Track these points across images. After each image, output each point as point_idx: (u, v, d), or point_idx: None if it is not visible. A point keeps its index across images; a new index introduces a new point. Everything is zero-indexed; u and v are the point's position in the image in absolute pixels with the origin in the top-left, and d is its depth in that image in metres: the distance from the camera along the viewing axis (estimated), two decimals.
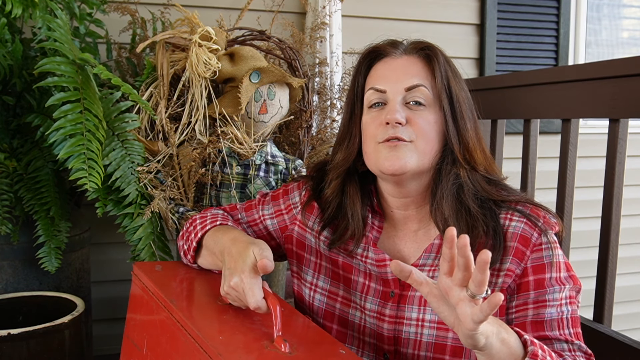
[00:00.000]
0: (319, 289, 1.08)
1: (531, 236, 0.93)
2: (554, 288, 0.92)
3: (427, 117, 0.97)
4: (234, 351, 0.78)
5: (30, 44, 1.64)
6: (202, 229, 1.08)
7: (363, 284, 1.03)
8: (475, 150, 0.98)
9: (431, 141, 0.96)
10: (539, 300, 0.92)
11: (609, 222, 1.50)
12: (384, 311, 1.00)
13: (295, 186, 1.16)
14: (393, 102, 0.97)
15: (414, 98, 0.97)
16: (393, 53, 1.02)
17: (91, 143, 1.35)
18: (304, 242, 1.11)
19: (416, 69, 0.99)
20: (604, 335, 1.49)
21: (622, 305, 2.76)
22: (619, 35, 3.06)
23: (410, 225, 1.04)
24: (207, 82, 1.60)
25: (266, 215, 1.16)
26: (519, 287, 0.93)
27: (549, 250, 0.93)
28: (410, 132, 0.95)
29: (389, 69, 1.00)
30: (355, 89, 1.05)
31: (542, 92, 1.69)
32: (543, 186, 2.07)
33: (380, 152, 0.96)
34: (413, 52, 1.01)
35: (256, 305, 0.86)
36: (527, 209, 0.95)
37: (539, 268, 0.92)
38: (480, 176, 0.98)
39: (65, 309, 1.46)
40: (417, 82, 0.97)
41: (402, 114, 0.95)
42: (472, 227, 0.93)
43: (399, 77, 0.98)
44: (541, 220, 0.94)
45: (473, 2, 2.63)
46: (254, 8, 2.12)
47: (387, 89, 0.98)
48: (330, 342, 0.87)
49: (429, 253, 0.99)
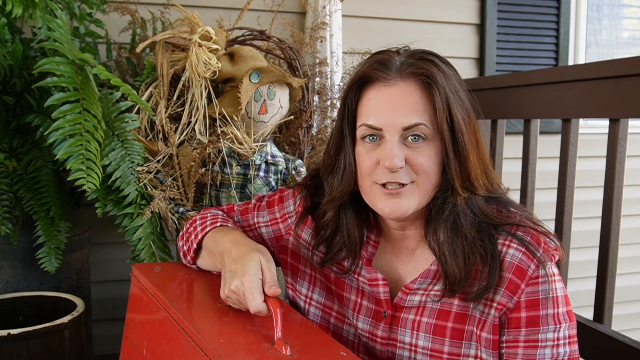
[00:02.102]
0: (313, 302, 1.07)
1: (527, 268, 0.87)
2: (548, 327, 0.86)
3: (427, 152, 0.90)
4: (235, 353, 0.78)
5: (30, 44, 1.64)
6: (202, 230, 1.07)
7: (355, 301, 1.01)
8: (476, 177, 0.91)
9: (432, 176, 0.91)
10: (531, 340, 0.87)
11: (609, 222, 1.50)
12: (376, 332, 0.98)
13: (290, 194, 1.13)
14: (390, 144, 0.88)
15: (413, 134, 0.89)
16: (385, 78, 0.90)
17: (90, 143, 1.35)
18: (299, 254, 1.09)
19: (413, 100, 0.89)
20: (604, 335, 1.49)
21: (622, 305, 2.76)
22: (619, 35, 3.06)
23: (408, 244, 1.00)
24: (207, 82, 1.60)
25: (261, 223, 1.14)
26: (510, 321, 0.88)
27: (546, 285, 0.87)
28: (410, 173, 0.89)
29: (383, 101, 0.90)
30: (346, 116, 0.96)
31: (542, 92, 1.68)
32: (543, 186, 2.07)
33: (379, 197, 0.91)
34: (410, 78, 0.90)
35: (257, 309, 0.86)
36: (528, 235, 0.89)
37: (533, 303, 0.87)
38: (479, 198, 0.92)
39: (65, 309, 1.46)
40: (416, 121, 0.88)
41: (400, 157, 0.88)
42: (468, 256, 0.88)
43: (395, 112, 0.89)
44: (540, 249, 0.88)
45: (473, 2, 2.63)
46: (254, 8, 2.12)
47: (383, 127, 0.89)
48: (331, 344, 0.86)
49: (425, 278, 0.95)
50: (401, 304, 0.96)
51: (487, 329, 0.89)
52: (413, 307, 0.95)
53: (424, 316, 0.94)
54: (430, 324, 0.93)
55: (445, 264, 0.89)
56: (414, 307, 0.95)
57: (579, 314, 1.60)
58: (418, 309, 0.95)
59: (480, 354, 0.89)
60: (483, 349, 0.89)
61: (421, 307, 0.94)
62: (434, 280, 0.94)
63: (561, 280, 0.90)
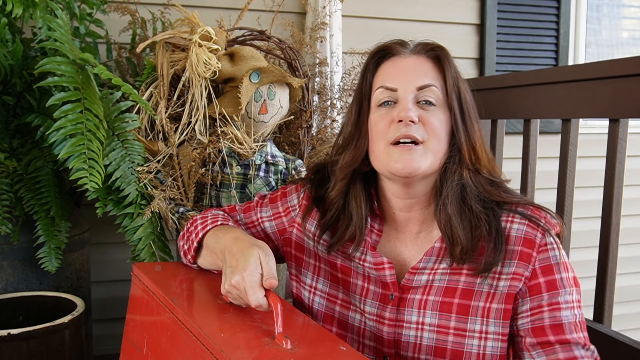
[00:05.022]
0: (318, 291, 1.08)
1: (535, 237, 0.92)
2: (566, 290, 0.91)
3: (438, 116, 0.96)
4: (236, 348, 0.78)
5: (30, 43, 1.64)
6: (203, 229, 1.08)
7: (362, 286, 1.03)
8: (481, 151, 0.97)
9: (442, 141, 0.96)
10: (553, 303, 0.91)
11: (609, 222, 1.50)
12: (384, 314, 0.99)
13: (294, 188, 1.15)
14: (405, 101, 0.96)
15: (425, 97, 0.96)
16: (402, 52, 1.01)
17: (91, 143, 1.35)
18: (303, 245, 1.11)
19: (426, 68, 0.98)
20: (604, 335, 1.49)
21: (622, 305, 2.76)
22: (619, 35, 3.06)
23: (412, 228, 1.03)
24: (207, 82, 1.60)
25: (264, 218, 1.15)
26: (530, 289, 0.92)
27: (555, 251, 0.92)
28: (422, 131, 0.94)
29: (399, 67, 0.99)
30: (363, 88, 1.03)
31: (542, 92, 1.69)
32: (543, 186, 2.08)
33: (391, 155, 0.95)
34: (422, 52, 1.00)
35: (257, 303, 0.86)
36: (528, 210, 0.95)
37: (548, 269, 0.92)
38: (483, 178, 0.97)
39: (65, 309, 1.46)
40: (429, 82, 0.96)
41: (415, 112, 0.94)
42: (475, 227, 0.93)
43: (409, 75, 0.97)
44: (543, 220, 0.94)
45: (473, 2, 2.63)
46: (254, 8, 2.12)
47: (398, 87, 0.97)
48: (331, 339, 0.87)
49: (430, 256, 0.98)
50: (408, 285, 0.98)
51: (497, 300, 0.92)
52: (420, 286, 0.97)
53: (431, 295, 0.96)
54: (437, 302, 0.95)
55: (452, 235, 0.93)
56: (421, 286, 0.97)
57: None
58: (425, 288, 0.97)
59: (486, 329, 0.92)
60: (491, 321, 0.92)
61: (428, 285, 0.97)
62: (439, 258, 0.97)
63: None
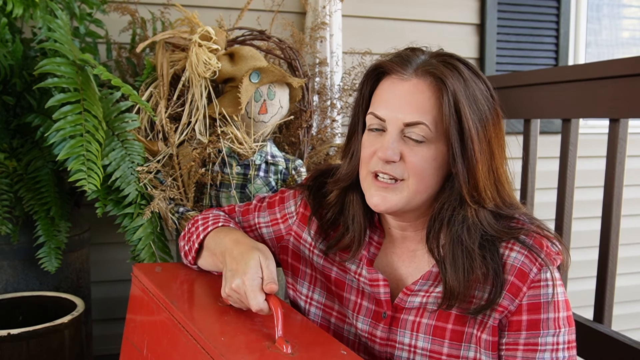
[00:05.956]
0: (314, 302, 1.07)
1: (530, 271, 0.86)
2: (549, 331, 0.87)
3: (424, 154, 0.89)
4: (237, 352, 0.78)
5: (30, 44, 1.64)
6: (204, 230, 1.07)
7: (355, 302, 1.01)
8: (484, 189, 0.89)
9: (426, 178, 0.90)
10: (530, 343, 0.87)
11: (609, 222, 1.50)
12: (375, 332, 0.98)
13: (291, 194, 1.13)
14: (389, 136, 0.90)
15: (411, 135, 0.89)
16: (401, 73, 0.91)
17: (91, 144, 1.35)
18: (299, 254, 1.09)
19: (422, 99, 0.89)
20: (604, 335, 1.49)
21: (622, 305, 2.76)
22: (619, 35, 3.06)
23: (409, 245, 1.00)
24: (207, 82, 1.60)
25: (262, 223, 1.14)
26: (510, 324, 0.88)
27: (548, 288, 0.87)
28: (402, 169, 0.90)
29: (394, 93, 0.91)
30: (360, 104, 0.99)
31: (542, 92, 1.69)
32: (543, 186, 2.07)
33: (370, 187, 0.93)
34: (424, 76, 0.90)
35: (258, 308, 0.86)
36: (531, 239, 0.89)
37: (535, 307, 0.87)
38: (487, 212, 0.90)
39: (65, 309, 1.46)
40: (418, 119, 0.88)
41: (395, 151, 0.89)
42: (468, 269, 0.88)
43: (401, 106, 0.90)
44: (543, 253, 0.87)
45: (473, 2, 2.63)
46: (254, 8, 2.12)
47: (387, 119, 0.91)
48: (331, 343, 0.87)
49: (426, 280, 0.95)
50: (402, 305, 0.96)
51: (487, 331, 0.89)
52: (413, 308, 0.95)
53: (424, 317, 0.94)
54: (430, 325, 0.93)
55: (446, 273, 0.89)
56: (414, 308, 0.95)
57: (579, 314, 1.60)
58: (418, 310, 0.95)
59: (480, 356, 0.90)
60: (483, 351, 0.89)
61: (421, 308, 0.94)
62: (435, 282, 0.94)
63: (562, 285, 0.89)
